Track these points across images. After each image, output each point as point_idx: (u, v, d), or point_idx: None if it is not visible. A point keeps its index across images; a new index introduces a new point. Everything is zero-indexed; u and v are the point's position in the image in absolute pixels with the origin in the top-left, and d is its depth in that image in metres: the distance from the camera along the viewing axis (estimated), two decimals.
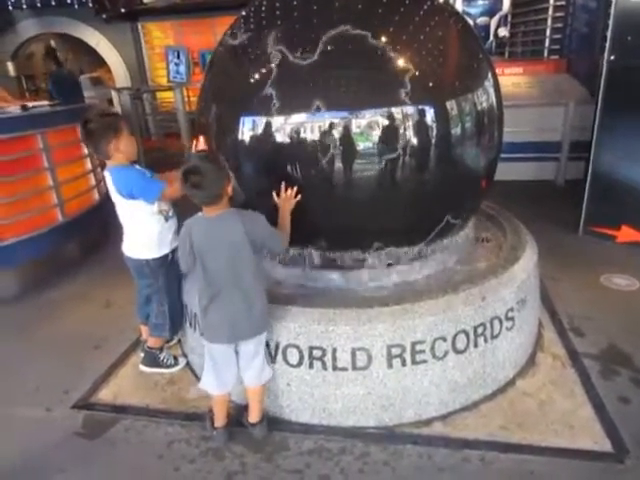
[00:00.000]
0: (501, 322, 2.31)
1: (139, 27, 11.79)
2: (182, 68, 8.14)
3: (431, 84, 2.27)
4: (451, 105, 2.31)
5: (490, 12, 6.50)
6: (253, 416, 2.20)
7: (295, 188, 2.19)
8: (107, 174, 2.39)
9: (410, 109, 2.20)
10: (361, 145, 2.19)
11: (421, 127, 2.24)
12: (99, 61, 12.22)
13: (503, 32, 6.56)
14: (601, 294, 3.36)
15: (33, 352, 3.02)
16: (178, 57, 9.56)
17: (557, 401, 2.37)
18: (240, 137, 2.29)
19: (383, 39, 2.23)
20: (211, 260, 1.97)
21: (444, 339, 2.16)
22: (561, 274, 3.62)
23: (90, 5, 10.45)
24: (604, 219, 4.18)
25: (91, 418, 2.43)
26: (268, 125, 2.24)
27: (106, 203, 3.23)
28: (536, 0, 6.93)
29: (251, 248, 1.96)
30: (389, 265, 2.41)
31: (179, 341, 2.90)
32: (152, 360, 2.71)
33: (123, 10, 9.63)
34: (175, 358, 2.74)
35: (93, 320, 3.36)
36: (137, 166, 2.46)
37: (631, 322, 3.00)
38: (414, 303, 2.14)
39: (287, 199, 2.18)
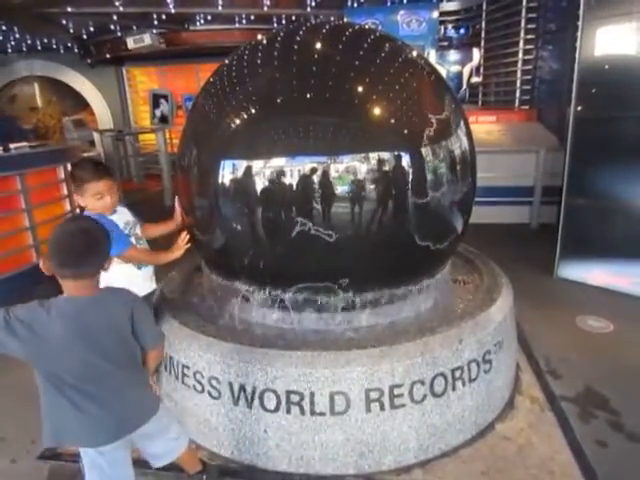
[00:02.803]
0: (479, 365, 2.32)
1: (123, 71, 12.04)
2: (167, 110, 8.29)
3: (406, 131, 2.36)
4: (426, 151, 2.39)
5: (462, 62, 6.82)
6: (191, 467, 2.12)
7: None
8: None
9: (386, 155, 2.27)
10: (337, 190, 2.23)
11: (397, 173, 2.31)
12: (82, 103, 12.36)
13: (476, 78, 6.86)
14: (576, 336, 3.41)
15: None
16: (166, 100, 9.77)
17: (536, 445, 2.35)
18: (219, 181, 2.32)
19: (360, 88, 2.33)
20: (86, 350, 1.59)
21: (422, 382, 2.15)
22: (537, 316, 3.66)
23: (76, 50, 10.65)
24: (577, 263, 4.29)
25: (58, 469, 2.32)
26: (247, 169, 2.29)
27: None
28: (506, 54, 7.32)
29: (131, 328, 1.71)
30: (365, 307, 2.42)
31: None
32: None
33: (108, 56, 9.82)
34: None
35: None
36: (120, 210, 2.46)
37: (606, 364, 3.04)
38: (392, 346, 2.14)
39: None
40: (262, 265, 2.33)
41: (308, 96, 2.28)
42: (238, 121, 2.35)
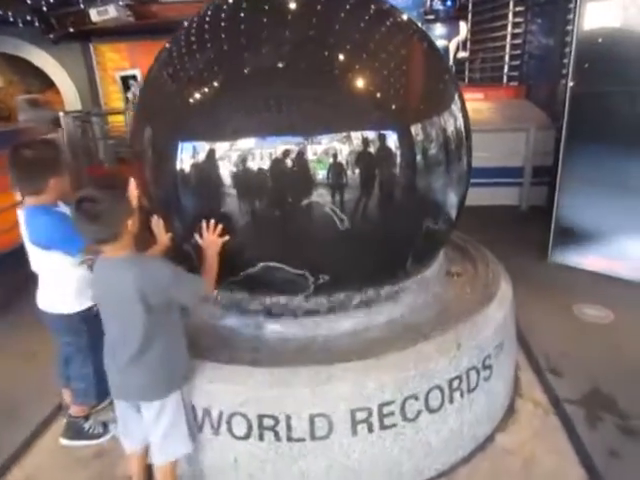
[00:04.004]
0: (478, 372, 2.04)
1: (91, 48, 11.35)
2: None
3: (394, 107, 2.04)
4: (416, 130, 2.08)
5: (448, 36, 6.48)
6: None
7: (219, 227, 1.90)
8: (23, 214, 2.02)
9: (371, 134, 1.96)
10: (315, 175, 1.92)
11: (383, 154, 2.00)
12: (48, 83, 11.66)
13: (462, 53, 6.54)
14: (575, 327, 3.17)
15: None
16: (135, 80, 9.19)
17: (542, 459, 2.11)
18: (178, 166, 1.98)
19: (341, 57, 2.00)
20: (103, 311, 1.72)
21: (416, 397, 1.87)
22: (532, 305, 3.40)
23: (36, 24, 9.95)
24: (572, 247, 4.06)
25: None
26: (210, 153, 1.95)
27: None
28: (494, 27, 6.99)
29: (143, 306, 1.59)
30: (348, 309, 2.12)
31: (111, 402, 2.50)
32: (76, 431, 2.31)
33: (72, 30, 9.18)
34: (105, 425, 2.33)
35: (9, 378, 2.86)
36: (62, 206, 2.08)
37: (610, 359, 2.80)
38: (380, 356, 1.85)
39: (212, 241, 1.88)
40: (228, 261, 2.01)
41: (280, 65, 1.94)
42: (197, 96, 2.00)
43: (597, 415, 2.38)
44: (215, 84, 2.01)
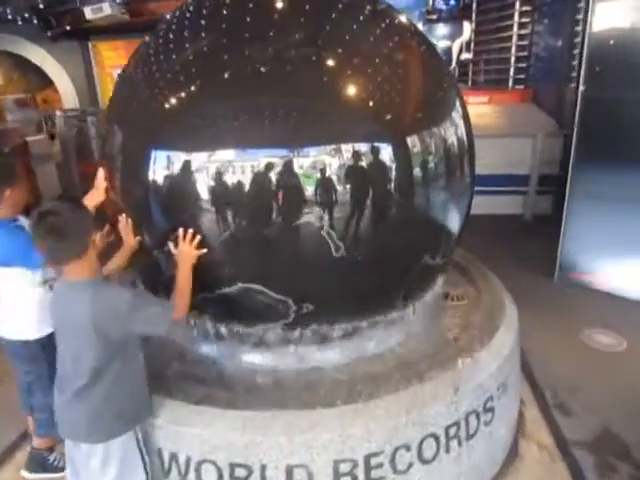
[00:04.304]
0: (478, 417, 1.82)
1: (89, 46, 11.17)
2: None
3: (389, 116, 1.82)
4: (413, 141, 1.86)
5: (451, 37, 6.25)
6: None
7: (197, 237, 1.69)
8: None
9: (363, 147, 1.75)
10: (301, 192, 1.72)
11: (376, 169, 1.79)
12: (47, 81, 11.48)
13: (466, 55, 6.30)
14: (584, 356, 2.94)
15: None
16: None
17: None
18: (150, 177, 1.77)
19: (330, 61, 1.79)
20: (58, 338, 1.57)
21: (408, 448, 1.65)
22: (537, 330, 3.16)
23: (35, 22, 9.77)
24: (580, 264, 3.82)
25: None
26: (186, 164, 1.74)
27: None
28: (499, 28, 6.75)
29: (99, 338, 1.41)
30: (334, 341, 1.90)
31: None
32: (39, 464, 2.12)
33: (69, 28, 8.98)
34: None
35: None
36: (22, 219, 1.90)
37: (623, 395, 2.57)
38: (368, 401, 1.63)
39: (186, 253, 1.65)
40: (203, 277, 1.79)
41: (264, 70, 1.73)
42: (173, 102, 1.80)
43: (609, 463, 2.15)
44: (192, 88, 1.80)
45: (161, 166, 1.76)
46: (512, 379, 2.05)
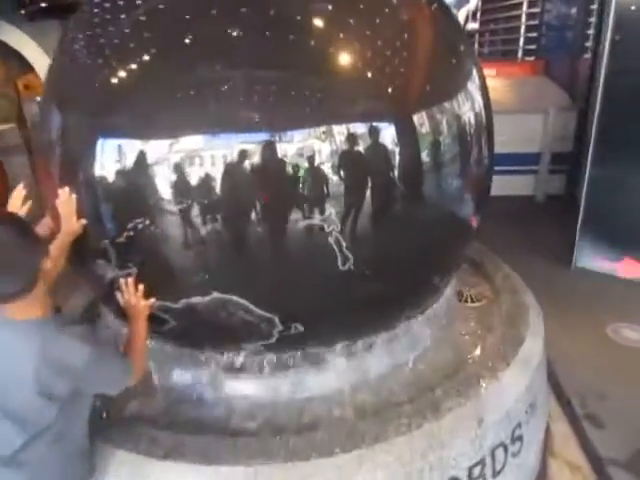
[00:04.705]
0: (506, 449, 1.53)
1: None
2: None
3: (391, 90, 1.48)
4: (420, 120, 1.54)
5: (457, 5, 5.81)
6: None
7: (141, 287, 1.35)
8: None
9: (361, 128, 1.43)
10: (285, 184, 1.41)
11: (378, 155, 1.47)
12: (29, 66, 11.02)
13: (472, 25, 5.88)
14: (612, 355, 2.64)
15: None
16: None
17: None
18: (97, 171, 1.44)
19: (318, 21, 1.45)
20: None
21: None
22: (558, 327, 2.83)
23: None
24: (602, 250, 3.48)
25: None
26: (141, 155, 1.41)
27: None
28: None
29: (40, 394, 1.10)
30: (335, 359, 1.59)
31: None
32: None
33: (44, 5, 8.48)
34: None
35: None
36: None
37: None
38: (374, 444, 1.32)
39: (134, 306, 1.33)
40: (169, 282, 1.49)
41: (235, 34, 1.39)
42: (124, 76, 1.46)
43: None
44: (146, 60, 1.46)
45: (111, 159, 1.43)
46: (541, 397, 1.76)
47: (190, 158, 1.39)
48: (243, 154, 1.38)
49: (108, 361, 1.22)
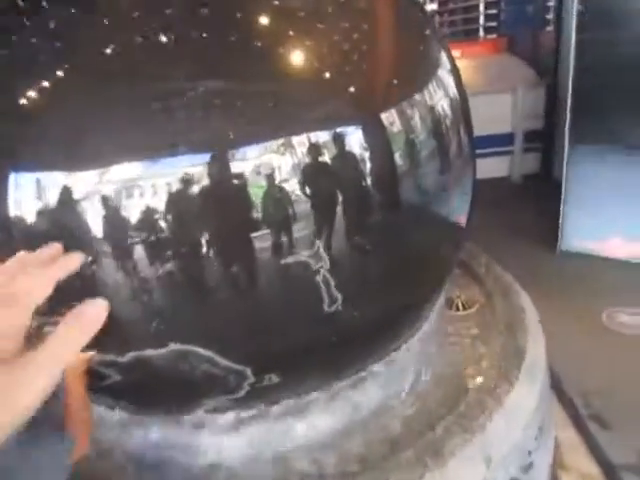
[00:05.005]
0: None
1: None
2: None
3: (353, 89, 1.28)
4: (390, 118, 1.33)
5: None
6: None
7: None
8: None
9: (322, 136, 1.21)
10: (243, 209, 1.18)
11: (346, 163, 1.26)
12: None
13: (431, 5, 5.71)
14: (609, 345, 2.51)
15: None
16: None
17: None
18: (9, 211, 1.20)
19: (263, 18, 1.23)
20: None
21: None
22: (550, 317, 2.65)
23: None
24: (587, 231, 3.36)
25: None
26: (65, 188, 1.17)
27: None
28: None
29: None
30: (312, 404, 1.39)
31: None
32: None
33: None
34: None
35: None
36: None
37: None
38: None
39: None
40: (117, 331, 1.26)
41: (164, 39, 1.15)
42: (34, 100, 1.21)
43: None
44: (63, 76, 1.22)
45: (28, 195, 1.19)
46: (548, 414, 1.60)
47: (126, 189, 1.16)
48: (190, 179, 1.16)
49: (41, 448, 0.99)
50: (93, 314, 0.54)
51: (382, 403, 1.42)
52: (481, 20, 5.92)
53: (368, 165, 1.28)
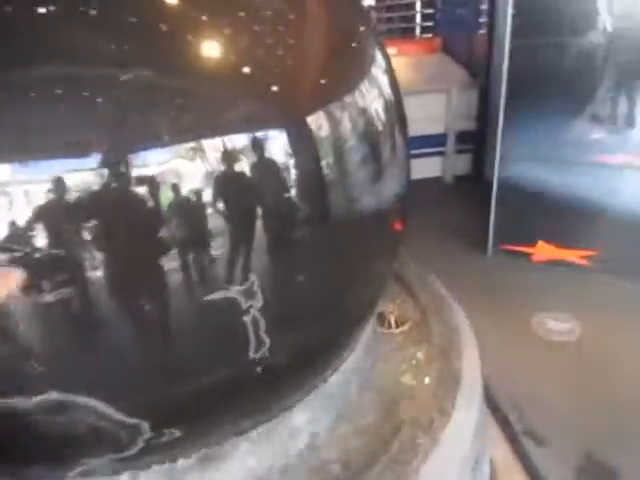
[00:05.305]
0: None
1: None
2: None
3: (276, 87, 1.10)
4: (318, 121, 1.17)
5: None
6: None
7: None
8: None
9: (240, 140, 1.04)
10: (133, 227, 0.98)
11: (267, 173, 1.10)
12: None
13: (368, 1, 5.60)
14: (539, 352, 2.51)
15: None
16: None
17: None
18: None
19: (170, 5, 1.03)
20: None
21: None
22: (482, 321, 2.60)
23: None
24: (516, 234, 3.37)
25: None
26: None
27: None
28: None
29: None
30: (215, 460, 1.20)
31: None
32: None
33: None
34: None
35: None
36: None
37: (592, 402, 2.15)
38: None
39: None
40: None
41: (44, 10, 0.92)
42: None
43: None
44: None
45: None
46: (485, 442, 1.50)
47: None
48: (75, 188, 0.94)
49: None
50: None
51: (305, 446, 1.25)
52: (418, 19, 5.89)
53: (293, 174, 1.11)
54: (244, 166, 1.04)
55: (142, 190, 0.95)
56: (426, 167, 5.13)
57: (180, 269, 0.99)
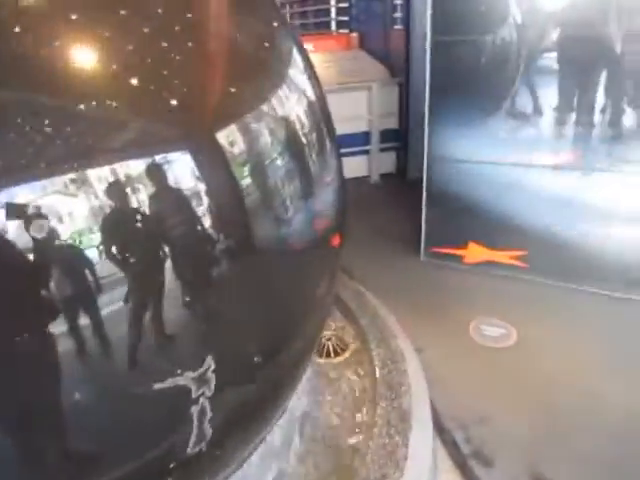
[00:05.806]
0: None
1: None
2: None
3: (175, 101, 0.87)
4: (229, 136, 0.96)
5: None
6: None
7: None
8: None
9: (134, 167, 0.81)
10: (18, 274, 0.74)
11: (168, 204, 0.88)
12: None
13: None
14: (479, 361, 2.40)
15: None
16: None
17: None
18: None
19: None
20: None
21: None
22: (419, 330, 2.52)
23: None
24: (448, 235, 3.29)
25: None
26: None
27: None
28: None
29: None
30: None
31: None
32: None
33: None
34: None
35: None
36: None
37: (533, 408, 2.08)
38: None
39: None
40: None
41: None
42: None
43: None
44: None
45: None
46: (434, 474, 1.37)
47: None
48: None
49: None
50: None
51: None
52: (333, 13, 5.76)
53: (204, 201, 0.91)
54: (141, 198, 0.82)
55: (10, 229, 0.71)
56: (352, 167, 5.00)
57: (65, 331, 0.76)
